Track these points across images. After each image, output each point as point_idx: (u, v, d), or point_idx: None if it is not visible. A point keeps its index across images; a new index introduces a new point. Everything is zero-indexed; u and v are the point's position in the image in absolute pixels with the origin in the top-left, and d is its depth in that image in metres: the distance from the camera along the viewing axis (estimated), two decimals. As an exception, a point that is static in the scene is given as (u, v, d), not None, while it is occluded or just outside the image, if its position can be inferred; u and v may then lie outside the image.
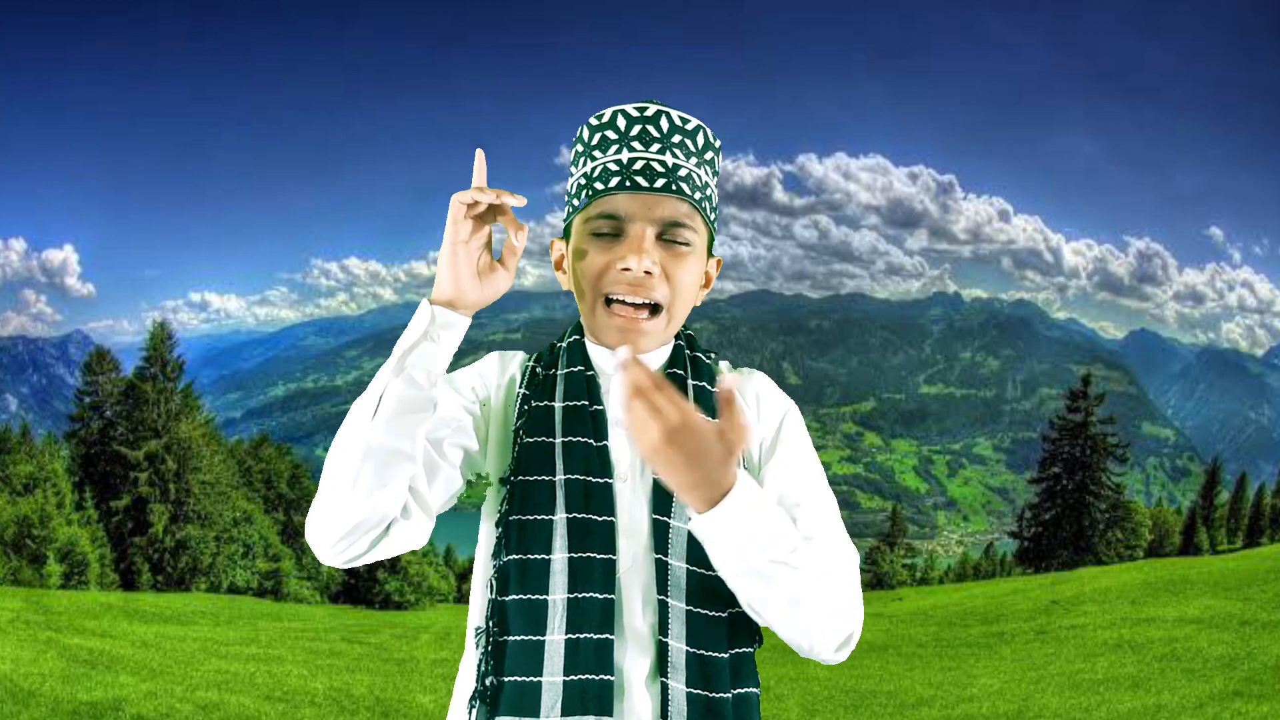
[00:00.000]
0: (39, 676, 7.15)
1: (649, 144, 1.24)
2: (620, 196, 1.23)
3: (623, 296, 1.23)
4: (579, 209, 1.27)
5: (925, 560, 39.24)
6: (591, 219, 1.25)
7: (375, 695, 7.35)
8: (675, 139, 1.25)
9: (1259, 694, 6.74)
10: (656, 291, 1.23)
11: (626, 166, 1.23)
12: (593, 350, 1.31)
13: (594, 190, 1.25)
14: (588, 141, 1.28)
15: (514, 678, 1.16)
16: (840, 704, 7.71)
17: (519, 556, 1.19)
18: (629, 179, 1.22)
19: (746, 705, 1.19)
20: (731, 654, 1.19)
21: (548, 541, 1.18)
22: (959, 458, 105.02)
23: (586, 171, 1.27)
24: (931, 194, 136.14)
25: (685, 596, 1.18)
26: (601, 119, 1.27)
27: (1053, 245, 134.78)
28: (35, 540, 20.09)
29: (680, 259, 1.25)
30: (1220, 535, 32.04)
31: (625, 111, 1.26)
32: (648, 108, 1.26)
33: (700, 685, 1.16)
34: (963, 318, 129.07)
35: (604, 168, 1.24)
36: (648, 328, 1.25)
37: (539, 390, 1.29)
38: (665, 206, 1.23)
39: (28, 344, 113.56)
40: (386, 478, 1.10)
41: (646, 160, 1.24)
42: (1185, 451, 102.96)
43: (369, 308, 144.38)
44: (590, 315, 1.27)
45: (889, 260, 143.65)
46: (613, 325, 1.24)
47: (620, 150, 1.24)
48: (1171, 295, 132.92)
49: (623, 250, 1.23)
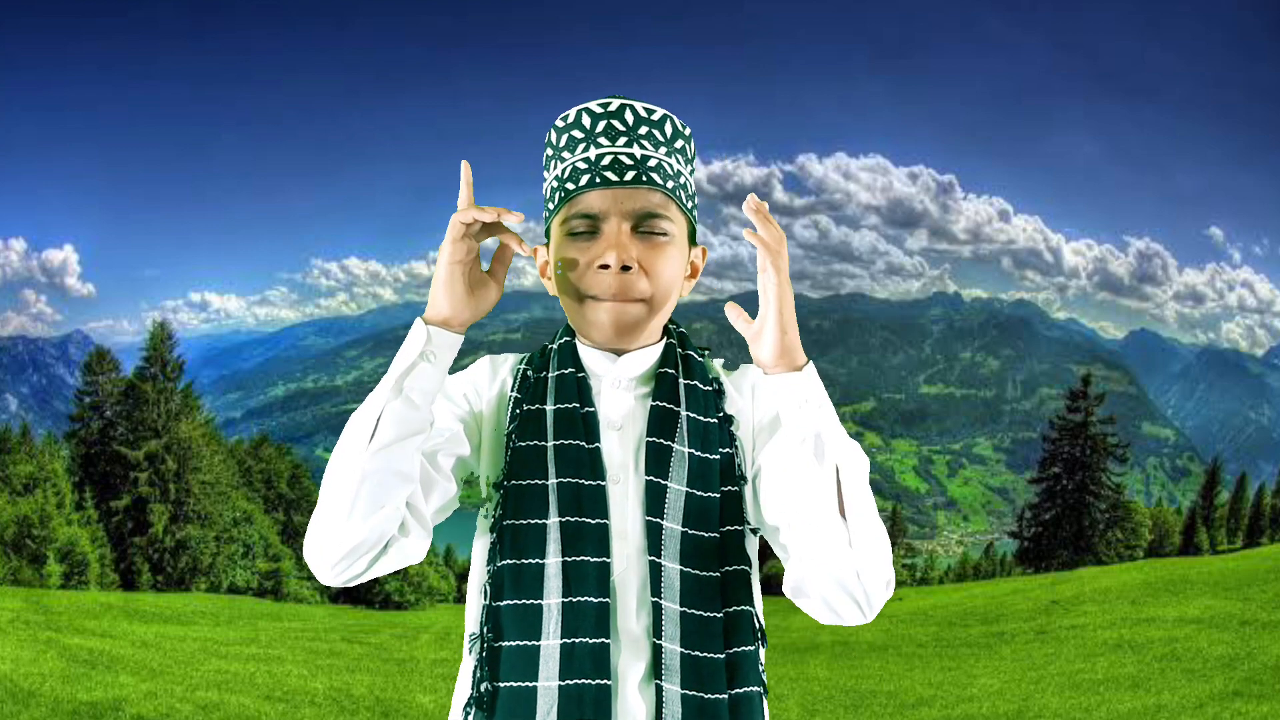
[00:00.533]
0: (39, 676, 7.15)
1: (615, 138, 1.23)
2: (592, 194, 1.22)
3: (597, 293, 1.23)
4: (554, 212, 1.27)
5: (925, 560, 39.24)
6: (567, 220, 1.24)
7: (375, 695, 7.35)
8: (642, 130, 1.25)
9: (1259, 694, 6.74)
10: (637, 286, 1.23)
11: (595, 163, 1.22)
12: (583, 352, 1.30)
13: (566, 191, 1.24)
14: (556, 144, 1.27)
15: (509, 683, 1.15)
16: (840, 704, 7.71)
17: (513, 561, 1.19)
18: (598, 175, 1.22)
19: (747, 706, 1.18)
20: (729, 654, 1.18)
21: (541, 546, 1.18)
22: (959, 458, 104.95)
23: (557, 174, 1.26)
24: (931, 194, 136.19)
25: (679, 598, 1.17)
26: (567, 119, 1.26)
27: (1053, 245, 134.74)
28: (35, 540, 20.09)
29: (659, 250, 1.24)
30: (1220, 535, 32.04)
31: (589, 109, 1.25)
32: (611, 102, 1.25)
33: (695, 687, 1.15)
34: (963, 318, 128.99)
35: (573, 167, 1.24)
36: (634, 313, 1.24)
37: (530, 393, 1.28)
38: (637, 199, 1.23)
39: (28, 344, 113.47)
40: (384, 499, 1.11)
41: (614, 154, 1.23)
42: (1185, 451, 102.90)
43: (369, 308, 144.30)
44: (576, 315, 1.27)
45: (889, 260, 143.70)
46: (595, 317, 1.24)
47: (588, 148, 1.24)
48: (1171, 295, 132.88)
49: (600, 248, 1.22)
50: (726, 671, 1.17)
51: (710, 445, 1.23)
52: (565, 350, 1.31)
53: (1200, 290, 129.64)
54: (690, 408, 1.25)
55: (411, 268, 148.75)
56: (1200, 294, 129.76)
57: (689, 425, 1.24)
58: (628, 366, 1.28)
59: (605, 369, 1.29)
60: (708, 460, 1.22)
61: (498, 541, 1.21)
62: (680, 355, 1.31)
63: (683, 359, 1.31)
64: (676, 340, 1.33)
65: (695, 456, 1.22)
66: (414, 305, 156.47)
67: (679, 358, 1.31)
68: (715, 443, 1.24)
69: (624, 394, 1.27)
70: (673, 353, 1.31)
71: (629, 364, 1.29)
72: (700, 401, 1.27)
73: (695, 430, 1.24)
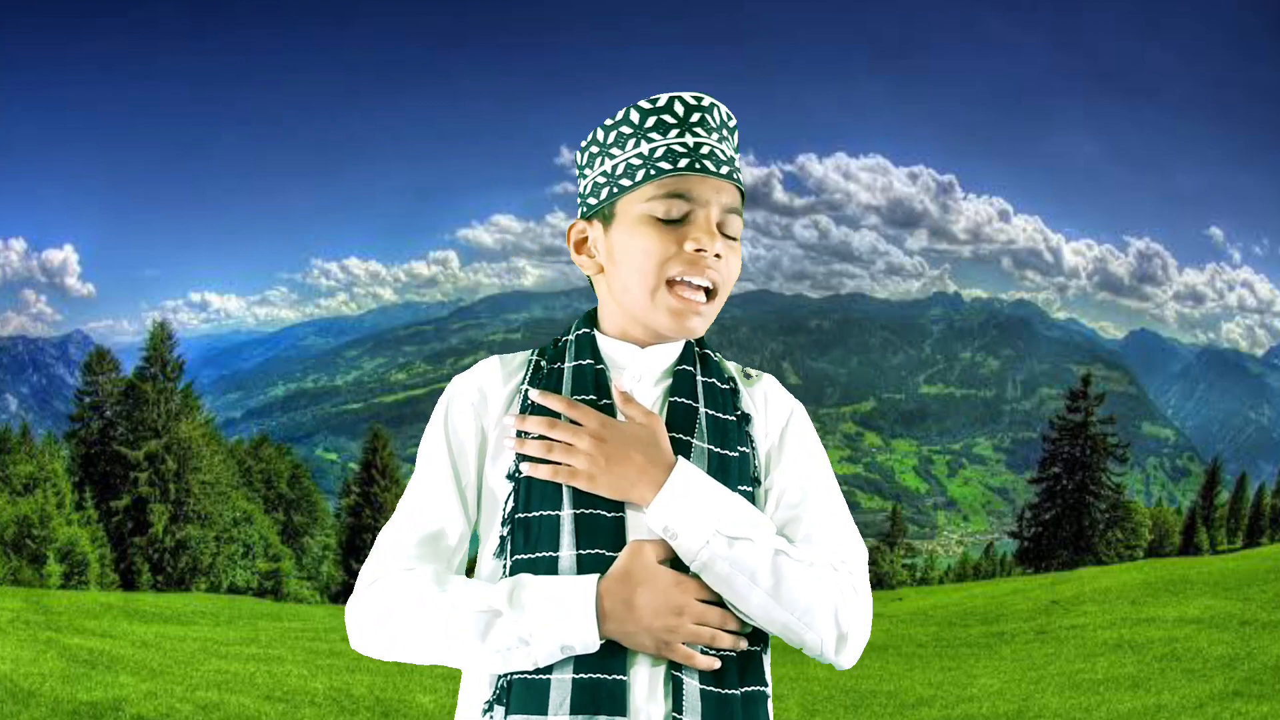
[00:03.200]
0: (39, 676, 7.15)
1: (710, 132, 1.25)
2: (692, 178, 1.23)
3: (688, 277, 1.22)
4: (629, 189, 1.24)
5: (925, 560, 39.33)
6: (656, 199, 1.23)
7: (375, 695, 7.35)
8: (725, 132, 1.27)
9: (1259, 694, 6.74)
10: (718, 274, 1.24)
11: (694, 150, 1.23)
12: (604, 343, 1.29)
13: (659, 169, 1.23)
14: (639, 124, 1.25)
15: (523, 675, 1.15)
16: (840, 704, 7.71)
17: (526, 555, 1.18)
18: (699, 161, 1.22)
19: (755, 703, 1.19)
20: (740, 651, 1.18)
21: (555, 539, 1.17)
22: (959, 458, 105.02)
23: (642, 152, 1.24)
24: (931, 194, 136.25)
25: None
26: (656, 103, 1.26)
27: (1053, 245, 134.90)
28: (35, 540, 20.11)
29: (733, 250, 1.26)
30: (1220, 535, 32.09)
31: (683, 98, 1.26)
32: (704, 98, 1.27)
33: (712, 681, 1.15)
34: (963, 318, 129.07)
35: (669, 149, 1.23)
36: (704, 310, 1.24)
37: (543, 384, 1.26)
38: (728, 193, 1.25)
39: (28, 344, 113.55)
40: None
41: (713, 147, 1.24)
42: (1185, 451, 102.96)
43: (369, 308, 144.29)
44: (646, 295, 1.24)
45: (889, 260, 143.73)
46: (671, 306, 1.23)
47: (683, 134, 1.24)
48: (1171, 295, 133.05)
49: (695, 231, 1.22)
50: (738, 668, 1.17)
51: (729, 443, 1.23)
52: (584, 341, 1.29)
53: (1200, 290, 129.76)
54: (709, 405, 1.25)
55: (411, 268, 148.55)
56: (1200, 294, 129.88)
57: (708, 422, 1.24)
58: (654, 360, 1.28)
59: (628, 361, 1.28)
60: (726, 457, 1.22)
61: (510, 535, 1.20)
62: (698, 353, 1.31)
63: (700, 357, 1.31)
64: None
65: (714, 453, 1.21)
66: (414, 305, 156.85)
67: (696, 356, 1.31)
68: (734, 440, 1.24)
69: (645, 388, 1.27)
70: (690, 350, 1.31)
71: (656, 357, 1.28)
72: (718, 399, 1.26)
73: (714, 427, 1.24)
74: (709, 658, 1.14)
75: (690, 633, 1.12)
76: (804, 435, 1.30)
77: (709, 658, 1.14)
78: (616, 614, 1.12)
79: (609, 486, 1.16)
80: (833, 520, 1.24)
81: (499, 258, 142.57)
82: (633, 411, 1.19)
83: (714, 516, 1.13)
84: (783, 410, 1.31)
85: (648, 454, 1.16)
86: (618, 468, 1.16)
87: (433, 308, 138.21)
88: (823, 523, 1.22)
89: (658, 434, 1.18)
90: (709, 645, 1.14)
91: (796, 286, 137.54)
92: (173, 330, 25.65)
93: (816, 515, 1.23)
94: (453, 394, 1.29)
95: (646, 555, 1.14)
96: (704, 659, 1.13)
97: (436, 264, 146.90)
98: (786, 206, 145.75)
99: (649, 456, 1.16)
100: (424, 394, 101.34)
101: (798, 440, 1.29)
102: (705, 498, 1.15)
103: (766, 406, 1.30)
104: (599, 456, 1.16)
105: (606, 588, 1.12)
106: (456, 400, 1.28)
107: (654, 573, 1.13)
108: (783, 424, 1.29)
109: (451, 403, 1.28)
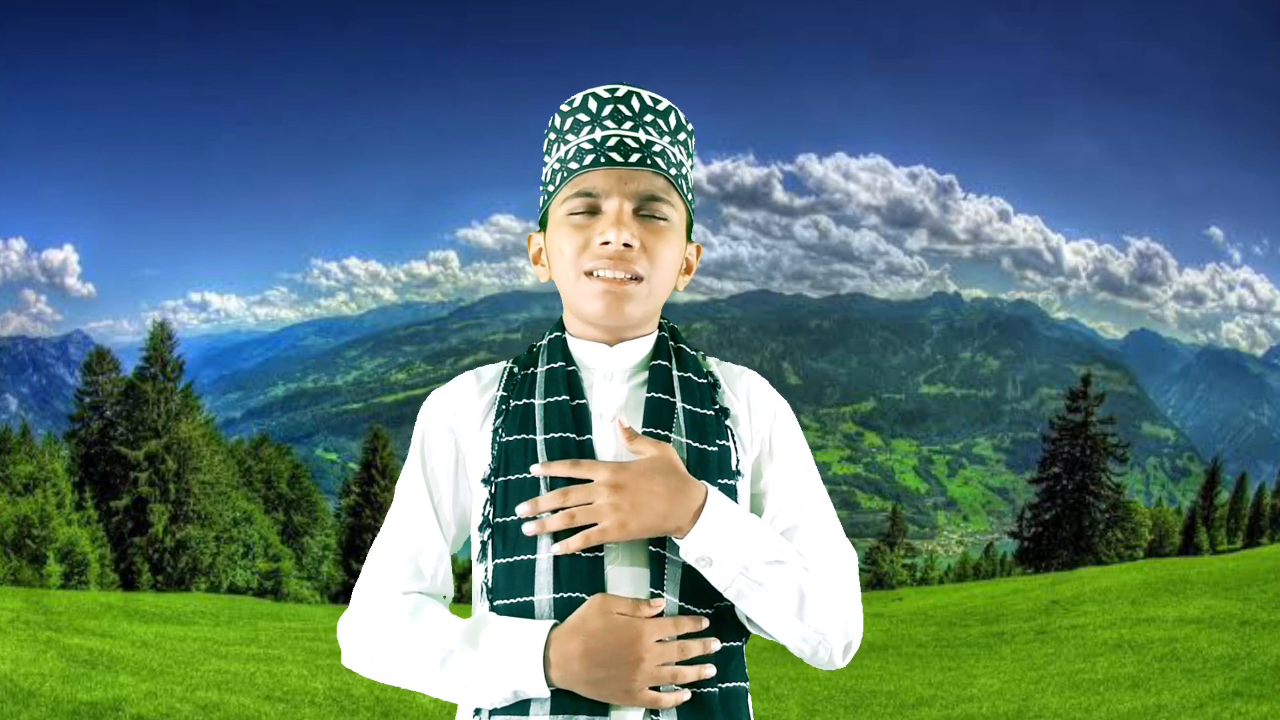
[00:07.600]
0: (39, 676, 7.15)
1: (621, 122, 1.23)
2: (595, 173, 1.22)
3: (600, 271, 1.22)
4: (554, 194, 1.26)
5: (925, 560, 39.30)
6: (567, 200, 1.23)
7: (375, 695, 7.35)
8: (648, 118, 1.25)
9: (1259, 694, 6.74)
10: (637, 265, 1.22)
11: (600, 144, 1.22)
12: (574, 344, 1.29)
13: (569, 171, 1.23)
14: (559, 128, 1.26)
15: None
16: (840, 704, 7.71)
17: (504, 560, 1.18)
18: (603, 155, 1.21)
19: (734, 699, 1.19)
20: (719, 649, 1.18)
21: (532, 541, 1.17)
22: (959, 458, 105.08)
23: (560, 155, 1.26)
24: (931, 194, 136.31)
25: (679, 592, 1.17)
26: (573, 103, 1.26)
27: (1053, 245, 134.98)
28: (35, 540, 20.11)
29: (659, 234, 1.23)
30: (1220, 535, 32.09)
31: (596, 94, 1.25)
32: (618, 88, 1.25)
33: (689, 711, 1.15)
34: (963, 318, 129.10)
35: (577, 148, 1.23)
36: (634, 291, 1.23)
37: (518, 389, 1.27)
38: (641, 180, 1.22)
39: (28, 344, 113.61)
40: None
41: (620, 137, 1.22)
42: (1185, 451, 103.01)
43: (369, 308, 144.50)
44: (572, 293, 1.25)
45: (889, 260, 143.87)
46: (594, 291, 1.22)
47: (593, 130, 1.23)
48: (1171, 295, 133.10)
49: (601, 225, 1.21)
50: (717, 665, 1.17)
51: (707, 437, 1.23)
52: (555, 344, 1.30)
53: (1200, 290, 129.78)
54: (685, 399, 1.24)
55: (411, 268, 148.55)
56: (1200, 294, 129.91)
57: (685, 417, 1.23)
58: (621, 357, 1.27)
59: (597, 361, 1.27)
60: (705, 452, 1.21)
61: (489, 540, 1.20)
62: (672, 348, 1.30)
63: (675, 351, 1.30)
64: (668, 333, 1.32)
65: (693, 448, 1.21)
66: (413, 305, 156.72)
67: (671, 350, 1.30)
68: (712, 435, 1.23)
69: (617, 386, 1.26)
70: (665, 345, 1.30)
71: (623, 354, 1.27)
72: (695, 394, 1.26)
73: (692, 422, 1.23)
74: (674, 694, 1.12)
75: (650, 676, 1.11)
76: (793, 438, 1.30)
77: (674, 694, 1.12)
78: (564, 665, 1.11)
79: (642, 528, 1.13)
80: (827, 527, 1.24)
81: (499, 258, 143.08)
82: (641, 446, 1.17)
83: (747, 543, 1.14)
84: (767, 409, 1.30)
85: (671, 484, 1.14)
86: (645, 506, 1.13)
87: (433, 308, 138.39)
88: (820, 531, 1.23)
89: (674, 462, 1.16)
90: (671, 683, 1.13)
91: (796, 286, 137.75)
92: (173, 330, 25.68)
93: (814, 524, 1.23)
94: (427, 417, 1.31)
95: (606, 606, 1.13)
96: (669, 697, 1.12)
97: (436, 264, 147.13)
98: (786, 206, 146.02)
99: (674, 486, 1.14)
100: (424, 394, 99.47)
101: (787, 444, 1.29)
102: (738, 524, 1.15)
103: (750, 405, 1.30)
104: (623, 503, 1.13)
105: (556, 636, 1.12)
106: (431, 424, 1.30)
107: (608, 625, 1.11)
108: (769, 424, 1.29)
109: (427, 427, 1.30)
